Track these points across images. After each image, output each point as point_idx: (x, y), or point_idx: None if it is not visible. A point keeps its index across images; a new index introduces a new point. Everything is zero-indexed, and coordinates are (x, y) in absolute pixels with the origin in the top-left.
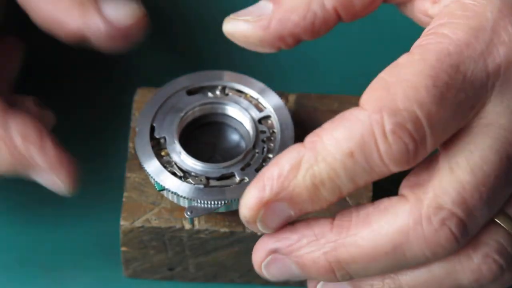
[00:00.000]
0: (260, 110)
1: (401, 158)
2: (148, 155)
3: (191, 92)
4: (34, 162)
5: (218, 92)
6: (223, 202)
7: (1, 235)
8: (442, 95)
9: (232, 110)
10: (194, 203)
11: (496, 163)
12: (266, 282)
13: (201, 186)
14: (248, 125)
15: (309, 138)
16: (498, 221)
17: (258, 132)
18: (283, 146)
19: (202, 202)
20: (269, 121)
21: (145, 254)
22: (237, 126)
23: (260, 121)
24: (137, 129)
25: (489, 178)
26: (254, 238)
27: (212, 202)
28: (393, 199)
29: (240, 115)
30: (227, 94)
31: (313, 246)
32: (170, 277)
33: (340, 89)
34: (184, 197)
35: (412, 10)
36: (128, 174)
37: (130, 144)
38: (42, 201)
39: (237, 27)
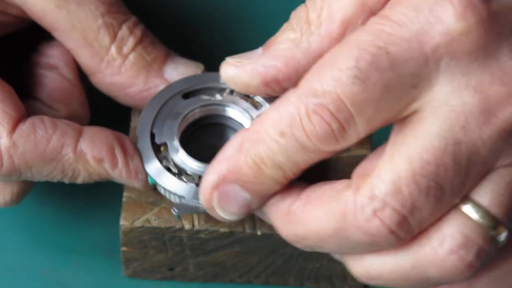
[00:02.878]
0: (257, 107)
1: (327, 138)
2: (149, 157)
3: (187, 96)
4: (111, 176)
5: (217, 94)
6: None
7: (2, 235)
8: (365, 76)
9: (233, 112)
10: (183, 201)
11: (440, 151)
12: (266, 282)
13: (193, 184)
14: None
15: (254, 121)
16: (463, 209)
17: None
18: None
19: (191, 200)
20: None
21: (145, 254)
22: (237, 127)
23: None
24: (137, 135)
25: (429, 167)
26: (254, 238)
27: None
28: (344, 183)
29: (240, 117)
30: (226, 94)
31: (281, 219)
32: (170, 277)
33: None
34: (175, 194)
35: None
36: None
37: None
38: (42, 201)
39: (227, 72)
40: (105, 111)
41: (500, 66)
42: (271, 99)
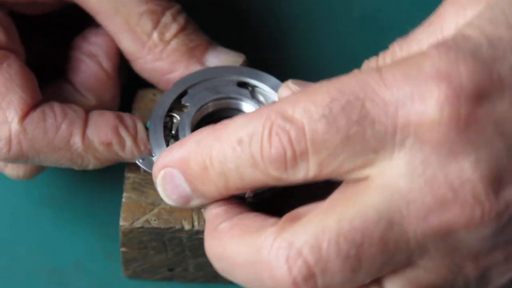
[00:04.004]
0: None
1: (277, 161)
2: (159, 121)
3: (241, 85)
4: (122, 158)
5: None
6: None
7: (2, 235)
8: (333, 118)
9: (246, 106)
10: (153, 158)
11: (371, 223)
12: None
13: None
14: None
15: (223, 121)
16: None
17: None
18: None
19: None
20: None
21: (145, 254)
22: None
23: None
24: (173, 86)
25: (355, 233)
26: None
27: None
28: (274, 220)
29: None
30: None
31: (209, 233)
32: (170, 277)
33: None
34: (150, 148)
35: None
36: (127, 175)
37: None
38: (42, 201)
39: (282, 94)
40: None
41: (458, 171)
42: None
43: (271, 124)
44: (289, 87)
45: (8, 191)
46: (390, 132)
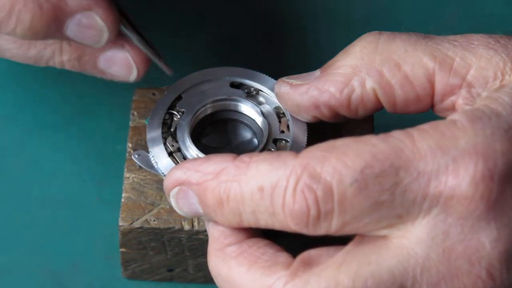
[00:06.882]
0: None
1: (299, 218)
2: (158, 118)
3: (233, 85)
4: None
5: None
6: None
7: (1, 235)
8: (365, 185)
9: (245, 107)
10: (150, 156)
11: (385, 286)
12: None
13: (173, 163)
14: (260, 122)
15: (243, 157)
16: None
17: (270, 129)
18: (295, 144)
19: (154, 159)
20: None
21: (144, 255)
22: (249, 122)
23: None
24: (165, 92)
25: None
26: None
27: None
28: (285, 258)
29: (251, 112)
30: (275, 109)
31: (214, 251)
32: (170, 278)
33: None
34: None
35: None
36: (127, 175)
37: (129, 144)
38: (41, 201)
39: (280, 89)
40: (104, 112)
41: (477, 246)
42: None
43: (297, 179)
44: (285, 82)
45: (8, 191)
46: (419, 200)
